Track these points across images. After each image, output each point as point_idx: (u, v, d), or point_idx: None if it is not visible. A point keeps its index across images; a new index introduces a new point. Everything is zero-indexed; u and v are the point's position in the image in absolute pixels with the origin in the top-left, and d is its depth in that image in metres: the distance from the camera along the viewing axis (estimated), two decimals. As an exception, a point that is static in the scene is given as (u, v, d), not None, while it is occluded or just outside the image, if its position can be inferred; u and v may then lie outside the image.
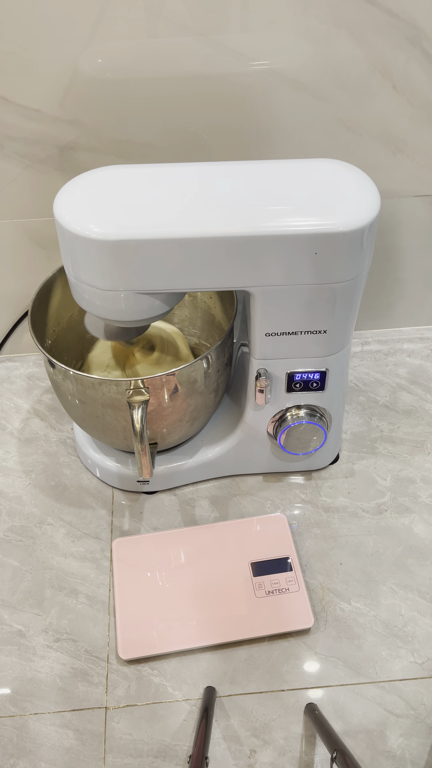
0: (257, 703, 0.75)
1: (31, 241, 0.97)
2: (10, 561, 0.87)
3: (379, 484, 0.93)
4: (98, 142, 0.86)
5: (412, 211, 0.97)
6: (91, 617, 0.82)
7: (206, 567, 0.84)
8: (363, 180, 0.71)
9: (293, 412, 0.84)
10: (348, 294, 0.72)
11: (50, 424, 1.02)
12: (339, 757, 0.62)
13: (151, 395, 0.76)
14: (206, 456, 0.91)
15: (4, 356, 1.12)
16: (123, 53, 0.79)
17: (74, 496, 0.93)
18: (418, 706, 0.75)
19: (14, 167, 0.88)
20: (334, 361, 0.79)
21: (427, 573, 0.85)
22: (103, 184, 0.70)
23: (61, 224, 0.66)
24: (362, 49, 0.80)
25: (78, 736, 0.73)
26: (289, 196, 0.69)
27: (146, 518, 0.90)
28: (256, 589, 0.81)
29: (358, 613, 0.81)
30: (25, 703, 0.76)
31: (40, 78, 0.80)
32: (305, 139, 0.88)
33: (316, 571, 0.85)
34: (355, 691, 0.76)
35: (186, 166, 0.72)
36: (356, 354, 1.11)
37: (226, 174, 0.71)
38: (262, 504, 0.92)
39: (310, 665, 0.78)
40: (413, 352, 1.11)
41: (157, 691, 0.76)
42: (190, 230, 0.65)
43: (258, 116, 0.86)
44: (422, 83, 0.84)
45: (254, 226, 0.65)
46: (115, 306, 0.70)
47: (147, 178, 0.71)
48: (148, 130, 0.86)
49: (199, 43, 0.79)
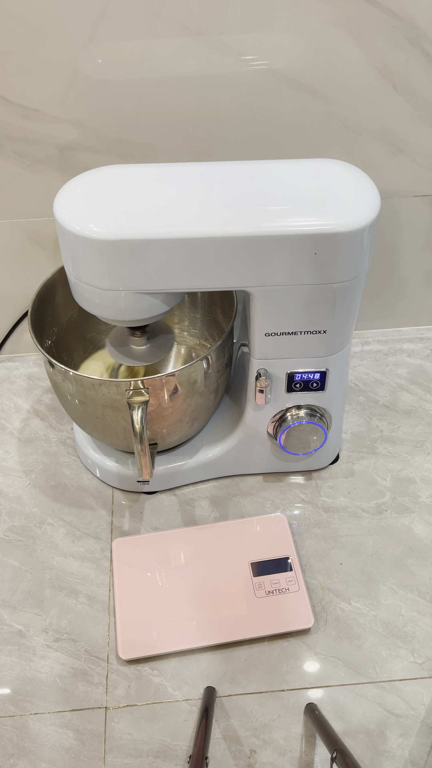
0: (257, 703, 0.75)
1: (31, 241, 0.97)
2: (10, 561, 0.87)
3: (379, 484, 0.93)
4: (98, 142, 0.86)
5: (412, 211, 0.97)
6: (91, 617, 0.82)
7: (206, 567, 0.84)
8: (363, 180, 0.71)
9: (293, 412, 0.84)
10: (348, 294, 0.72)
11: (50, 424, 1.02)
12: (339, 757, 0.62)
13: (151, 396, 0.76)
14: (206, 456, 0.91)
15: (4, 356, 1.12)
16: (123, 53, 0.79)
17: (74, 496, 0.93)
18: (418, 706, 0.75)
19: (14, 167, 0.88)
20: (334, 361, 0.79)
21: (427, 573, 0.85)
22: (103, 184, 0.70)
23: (61, 224, 0.66)
24: (362, 49, 0.80)
25: (78, 736, 0.73)
26: (289, 196, 0.69)
27: (146, 518, 0.90)
28: (256, 589, 0.81)
29: (358, 613, 0.81)
30: (25, 703, 0.76)
31: (40, 78, 0.80)
32: (305, 139, 0.88)
33: (316, 571, 0.85)
34: (355, 691, 0.76)
35: (186, 166, 0.72)
36: (356, 354, 1.11)
37: (226, 174, 0.71)
38: (262, 504, 0.92)
39: (310, 665, 0.78)
40: (413, 352, 1.11)
41: (157, 691, 0.76)
42: (190, 230, 0.65)
43: (258, 116, 0.85)
44: (422, 83, 0.84)
45: (254, 226, 0.65)
46: (114, 305, 0.70)
47: (147, 178, 0.71)
48: (148, 130, 0.86)
49: (199, 43, 0.79)
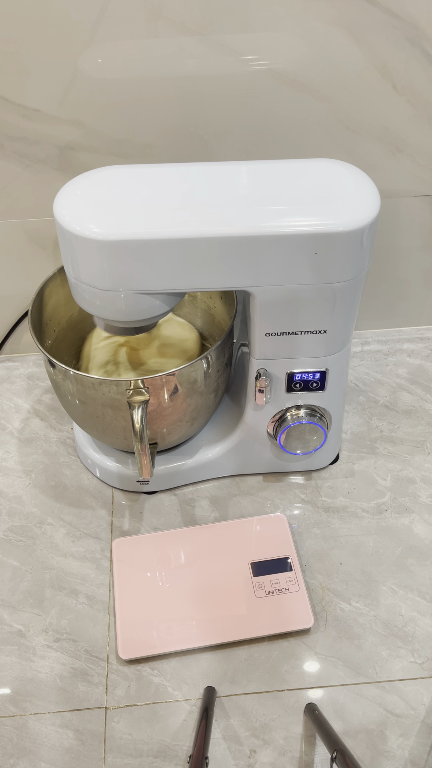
0: (257, 703, 0.75)
1: (31, 241, 0.97)
2: (10, 561, 0.87)
3: (379, 484, 0.93)
4: (98, 142, 0.86)
5: (412, 211, 0.97)
6: (91, 617, 0.82)
7: (206, 567, 0.84)
8: (363, 180, 0.71)
9: (293, 412, 0.84)
10: (348, 294, 0.72)
11: (50, 424, 1.02)
12: (339, 757, 0.62)
13: (151, 395, 0.76)
14: (206, 456, 0.91)
15: (4, 356, 1.12)
16: (123, 53, 0.79)
17: (74, 496, 0.93)
18: (418, 706, 0.75)
19: (14, 167, 0.88)
20: (334, 361, 0.79)
21: (427, 573, 0.85)
22: (103, 184, 0.70)
23: (61, 224, 0.66)
24: (362, 49, 0.80)
25: (78, 736, 0.73)
26: (289, 196, 0.69)
27: (146, 518, 0.90)
28: (256, 589, 0.81)
29: (358, 613, 0.81)
30: (25, 703, 0.76)
31: (40, 78, 0.80)
32: (305, 139, 0.88)
33: (316, 571, 0.85)
34: (355, 691, 0.76)
35: (186, 166, 0.72)
36: (356, 354, 1.11)
37: (226, 174, 0.71)
38: (262, 504, 0.92)
39: (310, 665, 0.78)
40: (413, 352, 1.11)
41: (157, 691, 0.76)
42: (190, 230, 0.65)
43: (258, 116, 0.85)
44: (422, 83, 0.84)
45: (254, 226, 0.65)
46: (114, 306, 0.70)
47: (147, 178, 0.71)
48: (148, 130, 0.86)
49: (199, 43, 0.79)
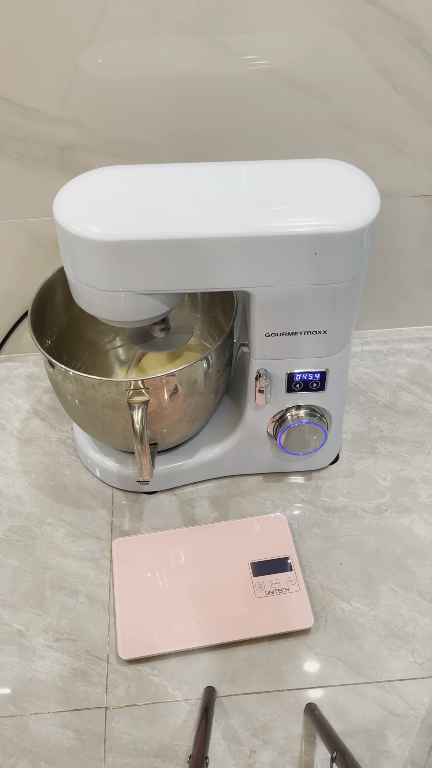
0: (257, 703, 0.75)
1: (31, 241, 0.97)
2: (10, 561, 0.87)
3: (379, 484, 0.93)
4: (98, 142, 0.86)
5: (412, 211, 0.97)
6: (91, 617, 0.82)
7: (206, 567, 0.84)
8: (363, 180, 0.71)
9: (293, 413, 0.84)
10: (348, 294, 0.72)
11: (50, 424, 1.02)
12: (339, 757, 0.62)
13: (151, 396, 0.76)
14: (206, 456, 0.91)
15: (4, 356, 1.12)
16: (123, 53, 0.79)
17: (74, 496, 0.93)
18: (418, 706, 0.75)
19: (14, 167, 0.88)
20: (334, 361, 0.79)
21: (427, 573, 0.85)
22: (103, 184, 0.70)
23: (61, 224, 0.66)
24: (362, 49, 0.80)
25: (78, 736, 0.73)
26: (289, 196, 0.69)
27: (146, 518, 0.90)
28: (256, 589, 0.81)
29: (358, 613, 0.81)
30: (25, 703, 0.76)
31: (40, 78, 0.80)
32: (305, 139, 0.88)
33: (316, 571, 0.85)
34: (355, 691, 0.76)
35: (186, 167, 0.72)
36: (356, 354, 1.11)
37: (226, 174, 0.71)
38: (262, 504, 0.92)
39: (310, 665, 0.78)
40: (413, 352, 1.11)
41: (157, 691, 0.76)
42: (190, 230, 0.65)
43: (258, 116, 0.85)
44: (422, 83, 0.84)
45: (254, 226, 0.65)
46: (114, 306, 0.70)
47: (147, 179, 0.71)
48: (148, 130, 0.86)
49: (199, 43, 0.79)
